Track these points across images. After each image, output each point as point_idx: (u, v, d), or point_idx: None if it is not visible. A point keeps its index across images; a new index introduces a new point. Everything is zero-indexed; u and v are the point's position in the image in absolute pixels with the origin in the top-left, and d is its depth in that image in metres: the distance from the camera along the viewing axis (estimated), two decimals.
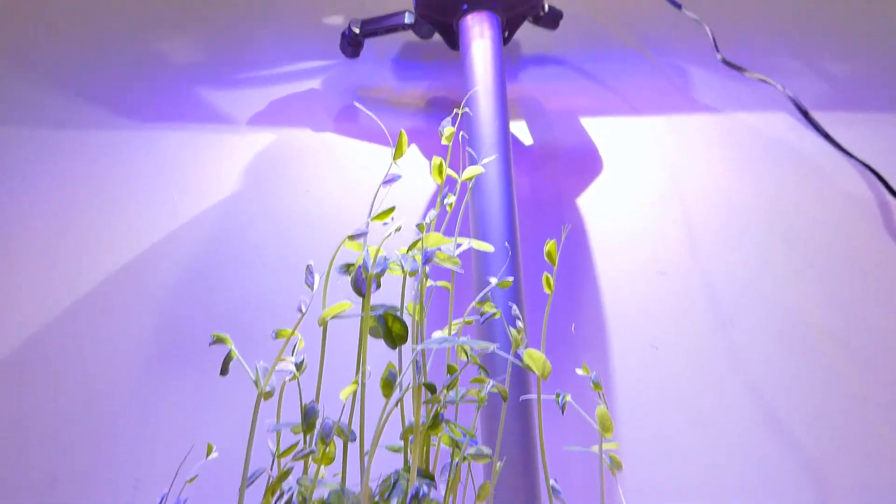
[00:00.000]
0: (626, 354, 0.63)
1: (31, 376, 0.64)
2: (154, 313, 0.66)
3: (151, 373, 0.64)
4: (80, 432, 0.62)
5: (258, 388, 0.28)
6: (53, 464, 0.62)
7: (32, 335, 0.65)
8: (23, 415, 0.63)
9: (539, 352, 0.31)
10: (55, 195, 0.71)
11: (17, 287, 0.67)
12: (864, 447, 0.60)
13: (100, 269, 0.68)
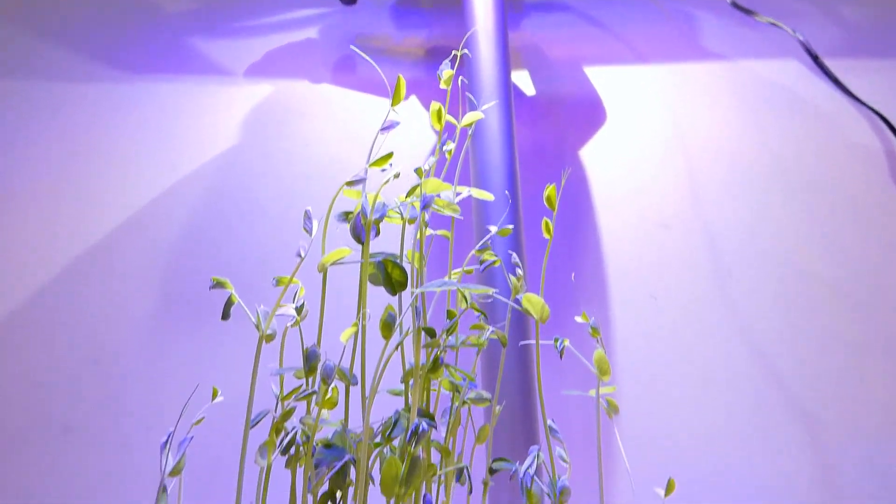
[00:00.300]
0: (625, 305, 0.64)
1: (41, 330, 0.65)
2: (157, 266, 0.66)
3: (157, 324, 0.65)
4: (91, 383, 0.64)
5: (259, 331, 0.28)
6: (66, 414, 0.63)
7: (39, 289, 0.66)
8: (35, 368, 0.64)
9: (538, 296, 0.31)
10: (53, 150, 0.71)
11: (21, 242, 0.67)
12: (859, 396, 0.61)
13: (101, 224, 0.68)
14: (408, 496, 0.26)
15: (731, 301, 0.64)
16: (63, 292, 0.66)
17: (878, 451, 0.60)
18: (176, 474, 0.26)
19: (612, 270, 0.65)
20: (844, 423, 0.61)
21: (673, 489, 0.38)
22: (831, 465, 0.60)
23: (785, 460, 0.60)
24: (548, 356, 0.57)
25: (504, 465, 0.34)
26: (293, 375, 0.33)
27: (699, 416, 0.61)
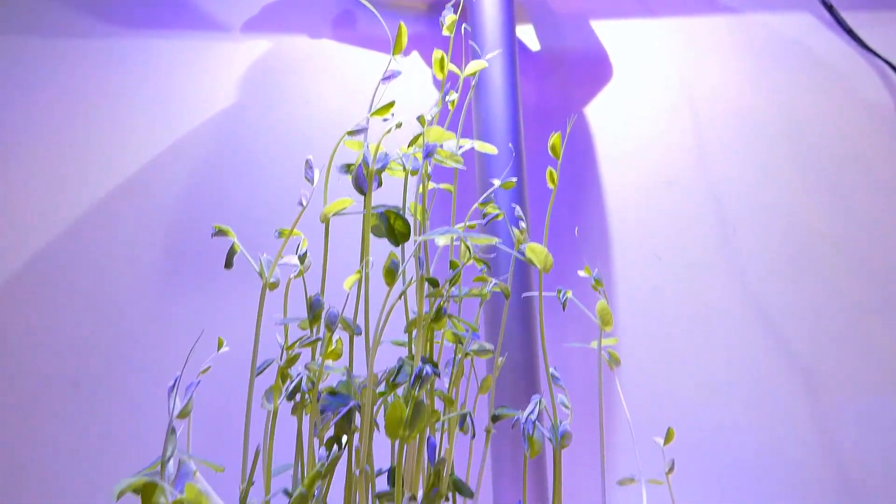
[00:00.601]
0: (628, 263, 0.64)
1: (47, 288, 0.66)
2: (160, 223, 0.66)
3: (161, 281, 0.65)
4: (99, 339, 0.65)
5: (263, 279, 0.28)
6: (75, 369, 0.64)
7: (43, 247, 0.66)
8: (43, 324, 0.65)
9: (541, 245, 0.31)
10: (53, 107, 0.70)
11: (23, 200, 0.67)
12: (858, 353, 0.62)
13: (103, 182, 0.67)
14: (412, 439, 0.27)
15: (735, 259, 0.64)
16: (66, 249, 0.66)
17: (877, 407, 0.61)
18: (184, 417, 0.27)
19: (616, 228, 0.65)
20: (843, 379, 0.62)
21: (672, 438, 0.39)
22: (829, 421, 0.61)
23: (783, 415, 0.61)
24: (550, 312, 0.57)
25: (506, 412, 0.35)
26: (298, 326, 0.33)
27: (700, 371, 0.62)
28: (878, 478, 0.59)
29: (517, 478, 0.44)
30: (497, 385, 0.38)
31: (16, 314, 0.65)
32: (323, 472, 0.25)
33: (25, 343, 0.65)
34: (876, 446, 0.60)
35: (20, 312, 0.66)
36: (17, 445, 0.63)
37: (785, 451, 0.60)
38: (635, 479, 0.36)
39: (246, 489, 0.26)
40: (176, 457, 0.26)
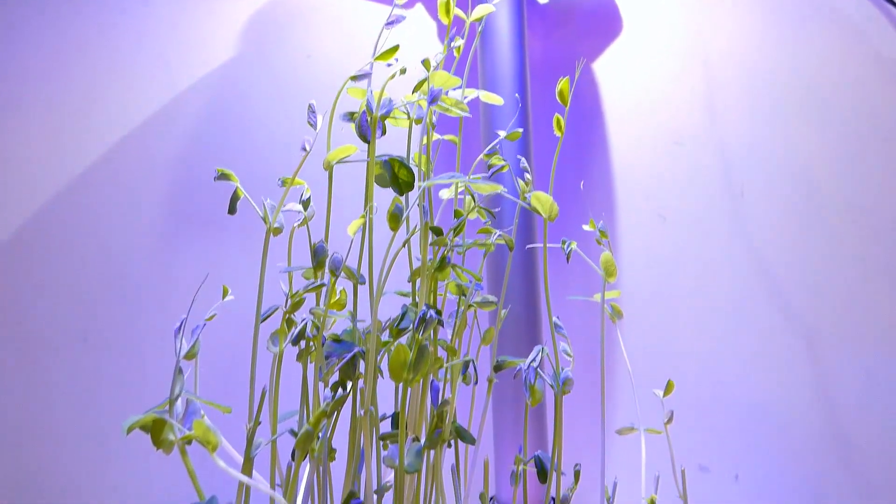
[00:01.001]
0: (632, 223, 0.63)
1: (53, 243, 0.66)
2: (162, 178, 0.66)
3: (165, 236, 0.65)
4: (106, 293, 0.65)
5: (266, 224, 0.28)
6: (83, 324, 0.65)
7: (46, 202, 0.66)
8: (51, 280, 0.66)
9: (546, 194, 0.31)
10: (52, 62, 0.69)
11: (25, 155, 0.67)
12: (861, 314, 0.62)
13: (104, 137, 0.67)
14: (415, 382, 0.27)
15: (741, 221, 0.64)
16: (69, 204, 0.66)
17: (878, 366, 0.61)
18: (191, 358, 0.27)
19: (621, 187, 0.64)
20: (845, 338, 0.62)
21: (671, 390, 0.40)
22: (829, 380, 0.61)
23: (783, 374, 0.61)
24: (553, 268, 0.58)
25: (509, 362, 0.35)
26: (302, 276, 0.33)
27: (701, 330, 0.62)
28: (875, 437, 0.60)
29: (518, 426, 0.45)
30: (499, 337, 0.39)
31: (22, 270, 0.66)
32: (328, 411, 0.25)
33: (33, 299, 0.66)
34: (875, 405, 0.61)
35: (26, 268, 0.66)
36: (29, 401, 0.64)
37: (783, 409, 0.61)
38: (635, 428, 0.37)
39: (253, 429, 0.26)
40: (183, 398, 0.27)
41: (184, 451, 0.25)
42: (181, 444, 0.25)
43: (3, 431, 0.64)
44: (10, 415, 0.64)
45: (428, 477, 0.34)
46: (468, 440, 0.35)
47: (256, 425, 0.26)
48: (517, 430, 0.45)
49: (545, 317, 0.48)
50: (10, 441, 0.64)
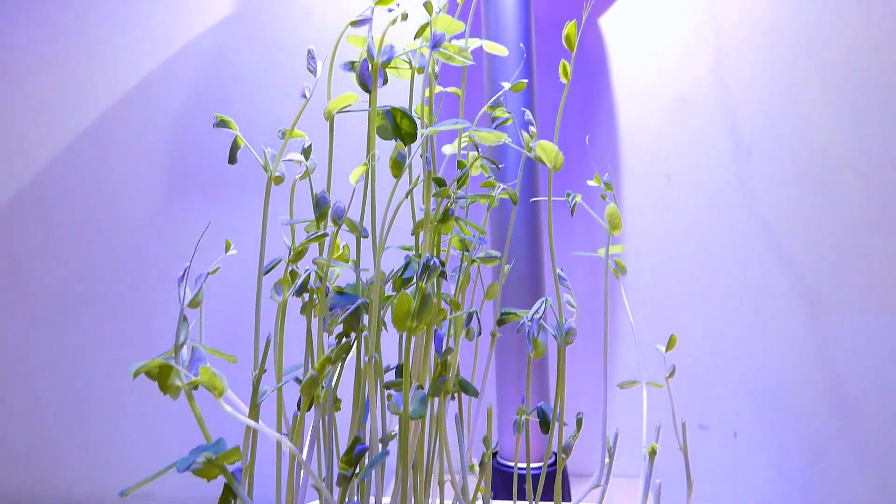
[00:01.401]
0: (637, 184, 0.63)
1: (53, 206, 0.66)
2: (160, 137, 0.65)
3: (167, 197, 0.65)
4: (106, 255, 0.65)
5: (267, 172, 0.28)
6: (85, 285, 0.66)
7: (45, 165, 0.66)
8: (53, 242, 0.66)
9: (551, 143, 0.30)
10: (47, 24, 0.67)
11: (23, 116, 0.66)
12: (864, 275, 0.62)
13: (99, 102, 0.66)
14: (419, 331, 0.27)
15: (747, 182, 0.63)
16: (68, 166, 0.66)
17: (879, 328, 0.62)
18: (195, 306, 0.27)
19: (626, 147, 0.63)
20: (847, 300, 0.62)
21: (674, 345, 0.40)
22: (829, 341, 0.62)
23: (784, 336, 0.62)
24: (557, 224, 0.57)
25: (513, 315, 0.35)
26: (305, 230, 0.33)
27: (705, 290, 0.62)
28: (875, 398, 0.61)
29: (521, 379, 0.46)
30: (503, 292, 0.39)
31: (24, 233, 0.66)
32: (333, 357, 0.26)
33: (36, 262, 0.66)
34: (875, 367, 0.61)
35: (28, 231, 0.66)
36: (40, 360, 0.65)
37: (784, 368, 0.61)
38: (637, 381, 0.37)
39: (258, 377, 0.26)
40: (189, 346, 0.27)
41: (190, 395, 0.25)
42: (188, 390, 0.25)
43: (17, 389, 0.65)
44: (22, 373, 0.65)
45: (432, 427, 0.34)
46: (471, 393, 0.35)
47: (261, 373, 0.26)
48: (520, 384, 0.46)
49: (549, 271, 0.48)
50: (24, 398, 0.65)
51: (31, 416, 0.66)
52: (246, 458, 0.26)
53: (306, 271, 0.29)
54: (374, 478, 0.31)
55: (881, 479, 0.61)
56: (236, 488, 0.24)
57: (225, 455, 0.24)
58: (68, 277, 0.66)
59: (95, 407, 0.65)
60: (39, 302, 0.66)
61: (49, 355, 0.66)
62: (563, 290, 0.33)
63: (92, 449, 0.65)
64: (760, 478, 0.61)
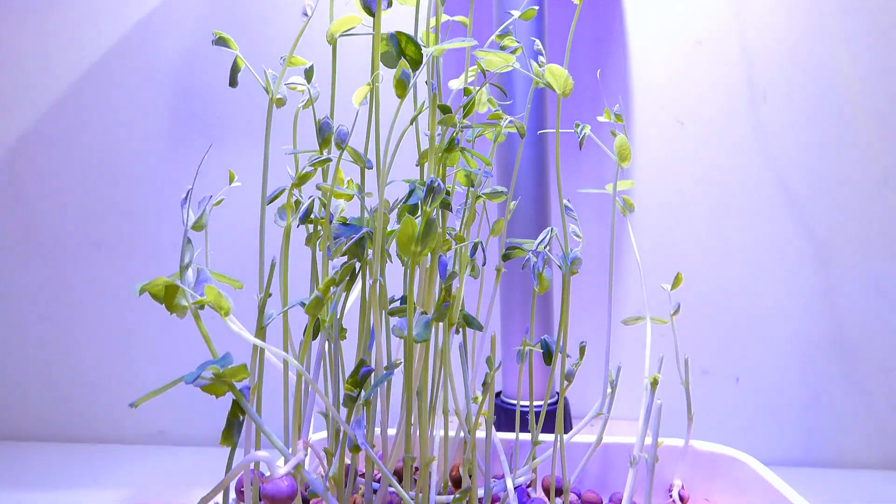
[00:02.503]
0: (649, 129, 0.61)
1: (58, 150, 0.65)
2: (161, 82, 0.64)
3: (170, 139, 0.64)
4: (114, 201, 0.65)
5: (269, 94, 0.27)
6: (95, 231, 0.66)
7: (49, 109, 0.65)
8: (60, 187, 0.66)
9: (560, 67, 0.30)
10: None
11: (23, 64, 0.65)
12: (874, 222, 0.61)
13: (99, 42, 0.65)
14: (423, 255, 0.27)
15: (762, 127, 0.62)
16: (71, 110, 0.65)
17: (886, 276, 0.61)
18: (199, 229, 0.27)
19: (638, 90, 0.62)
20: (856, 247, 0.61)
21: (679, 283, 0.40)
22: (838, 287, 0.61)
23: (791, 282, 0.61)
24: (566, 161, 0.56)
25: (518, 249, 0.35)
26: (308, 161, 0.32)
27: (714, 236, 0.62)
28: (878, 345, 0.61)
29: (526, 318, 0.46)
30: (508, 230, 0.39)
31: (30, 178, 0.66)
32: (338, 279, 0.26)
33: (44, 207, 0.66)
34: (880, 314, 0.61)
35: (35, 176, 0.66)
36: (51, 302, 0.66)
37: (789, 314, 0.61)
38: (641, 318, 0.37)
39: (263, 299, 0.26)
40: (194, 269, 0.27)
41: (197, 315, 0.25)
42: (194, 309, 0.25)
43: (28, 331, 0.66)
44: (33, 314, 0.66)
45: (436, 359, 0.34)
46: (476, 326, 0.35)
47: (266, 296, 0.27)
48: (525, 322, 0.46)
49: (555, 207, 0.48)
50: (35, 339, 0.66)
51: (43, 356, 0.67)
52: (253, 377, 0.26)
53: (310, 198, 0.29)
54: (380, 410, 0.31)
55: (880, 423, 0.61)
56: (244, 404, 0.25)
57: (232, 371, 0.24)
58: (75, 219, 0.66)
59: (106, 347, 0.66)
60: (47, 244, 0.67)
61: (58, 296, 0.67)
62: (570, 220, 0.32)
63: (105, 388, 0.67)
64: (761, 422, 0.62)
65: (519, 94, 0.43)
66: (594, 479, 0.39)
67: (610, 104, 0.60)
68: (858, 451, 0.61)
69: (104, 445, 0.65)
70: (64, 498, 0.51)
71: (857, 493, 0.55)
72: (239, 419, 0.25)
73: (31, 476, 0.57)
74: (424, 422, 0.31)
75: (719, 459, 0.38)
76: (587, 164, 0.60)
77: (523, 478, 0.32)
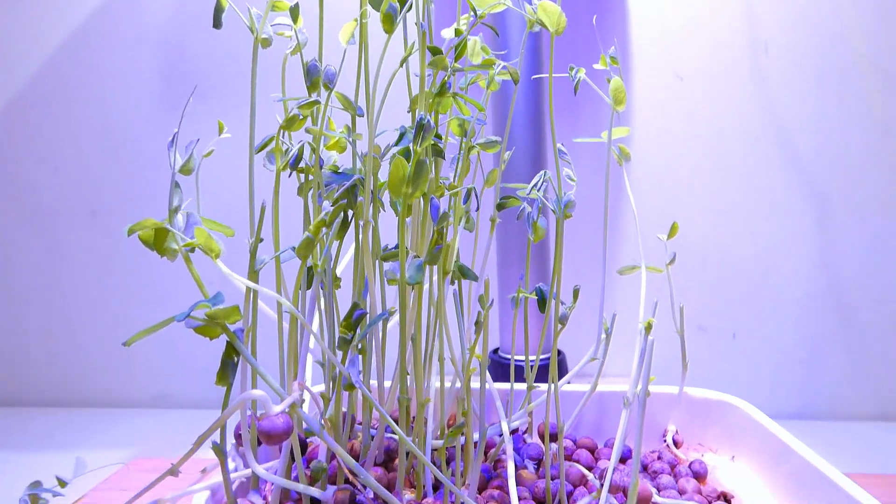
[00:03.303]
0: (647, 84, 0.60)
1: (51, 114, 0.64)
2: (151, 44, 0.63)
3: (160, 102, 0.64)
4: (109, 170, 0.65)
5: (254, 34, 0.27)
6: (90, 199, 0.66)
7: (38, 73, 0.64)
8: (53, 152, 0.65)
9: (553, 3, 0.29)
10: None
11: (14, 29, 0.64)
12: (873, 177, 0.60)
13: (86, 3, 0.63)
14: (414, 198, 0.27)
15: (763, 80, 0.61)
16: (62, 73, 0.64)
17: (884, 231, 0.61)
18: (187, 173, 0.27)
19: (637, 43, 0.60)
20: (855, 202, 0.61)
21: (675, 232, 0.39)
22: (836, 242, 0.61)
23: (791, 235, 0.61)
24: (561, 109, 0.55)
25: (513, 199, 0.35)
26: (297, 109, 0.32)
27: (713, 191, 0.61)
28: (874, 300, 0.61)
29: (522, 263, 0.46)
30: (503, 180, 0.38)
31: (23, 144, 0.65)
32: (328, 220, 0.25)
33: (37, 173, 0.66)
34: (877, 269, 0.61)
35: (27, 142, 0.65)
36: (46, 268, 0.66)
37: (787, 269, 0.61)
38: (637, 266, 0.37)
39: (255, 244, 0.26)
40: (184, 214, 0.27)
41: (187, 258, 0.25)
42: (184, 252, 0.25)
43: (28, 297, 0.66)
44: (30, 281, 0.66)
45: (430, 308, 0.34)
46: (470, 277, 0.35)
47: (258, 241, 0.26)
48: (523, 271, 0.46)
49: (552, 157, 0.47)
50: (35, 306, 0.66)
51: (43, 323, 0.67)
52: (247, 320, 0.26)
53: (300, 142, 0.29)
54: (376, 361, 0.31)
55: (874, 379, 0.62)
56: (238, 345, 0.25)
57: (225, 312, 0.24)
58: (69, 187, 0.66)
59: (104, 313, 0.67)
60: (42, 211, 0.67)
61: (54, 264, 0.67)
62: (564, 164, 0.32)
63: (105, 353, 0.67)
64: (758, 377, 0.63)
65: (513, 42, 0.42)
66: (590, 426, 0.39)
67: (607, 54, 0.59)
68: (853, 404, 0.62)
69: (108, 409, 0.66)
70: (68, 459, 0.52)
71: (851, 443, 0.56)
72: (233, 360, 0.25)
73: (34, 439, 0.58)
74: (419, 367, 0.31)
75: (714, 405, 0.38)
76: (585, 115, 0.60)
77: (518, 422, 0.33)
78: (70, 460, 0.52)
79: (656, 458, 0.36)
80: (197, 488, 0.27)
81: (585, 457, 0.35)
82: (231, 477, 0.28)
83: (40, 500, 0.35)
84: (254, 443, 0.27)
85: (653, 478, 0.33)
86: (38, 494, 0.35)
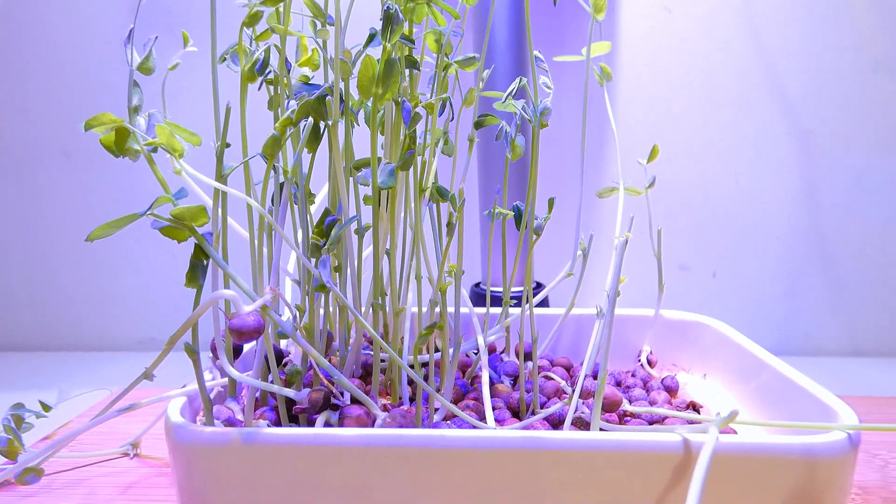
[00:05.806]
0: (635, 14, 0.59)
1: (20, 53, 0.62)
2: None
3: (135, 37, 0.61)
4: (83, 111, 0.63)
5: None
6: (64, 141, 0.64)
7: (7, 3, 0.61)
8: (27, 95, 0.63)
9: None
10: None
11: None
12: (858, 116, 0.60)
13: None
14: (385, 99, 0.26)
15: (750, 14, 0.59)
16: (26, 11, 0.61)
17: (866, 167, 0.61)
18: (146, 72, 0.26)
19: None
20: (839, 140, 0.61)
21: (656, 155, 0.39)
22: (819, 179, 0.61)
23: (775, 171, 0.61)
24: (545, 31, 0.53)
25: (491, 117, 0.34)
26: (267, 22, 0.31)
27: (697, 125, 0.61)
28: (854, 237, 0.62)
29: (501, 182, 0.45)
30: (483, 98, 0.37)
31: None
32: (295, 119, 0.25)
33: (8, 114, 0.64)
34: (854, 206, 0.61)
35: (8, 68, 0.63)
36: (20, 211, 0.65)
37: (768, 207, 0.62)
38: (615, 188, 0.37)
39: (221, 147, 0.26)
40: (146, 117, 0.26)
41: (150, 158, 0.25)
42: (147, 153, 0.25)
43: (3, 242, 0.65)
44: (7, 228, 0.65)
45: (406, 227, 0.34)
46: (449, 200, 0.35)
47: (224, 145, 0.26)
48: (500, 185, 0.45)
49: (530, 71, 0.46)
50: (13, 251, 0.65)
51: (22, 269, 0.67)
52: (216, 225, 0.26)
53: (266, 43, 0.28)
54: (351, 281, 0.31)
55: (851, 316, 0.63)
56: (206, 247, 0.24)
57: (192, 213, 0.24)
58: (41, 128, 0.64)
59: (84, 258, 0.66)
60: (13, 154, 0.65)
61: (29, 208, 0.66)
62: (540, 72, 0.31)
63: (86, 298, 0.67)
64: (737, 315, 0.64)
65: None
66: (567, 348, 0.40)
67: None
68: (831, 340, 0.63)
69: (93, 352, 0.66)
70: (48, 398, 0.52)
71: (827, 378, 0.57)
72: (202, 262, 0.25)
73: (18, 382, 0.58)
74: (394, 279, 0.31)
75: (689, 326, 0.39)
76: (569, 36, 0.58)
77: (494, 336, 0.33)
78: (48, 399, 0.53)
79: (630, 375, 0.37)
80: (174, 394, 0.27)
81: (561, 374, 0.35)
82: (208, 385, 0.28)
83: (24, 422, 0.35)
84: (229, 350, 0.27)
85: (625, 391, 0.34)
86: (21, 415, 0.35)
